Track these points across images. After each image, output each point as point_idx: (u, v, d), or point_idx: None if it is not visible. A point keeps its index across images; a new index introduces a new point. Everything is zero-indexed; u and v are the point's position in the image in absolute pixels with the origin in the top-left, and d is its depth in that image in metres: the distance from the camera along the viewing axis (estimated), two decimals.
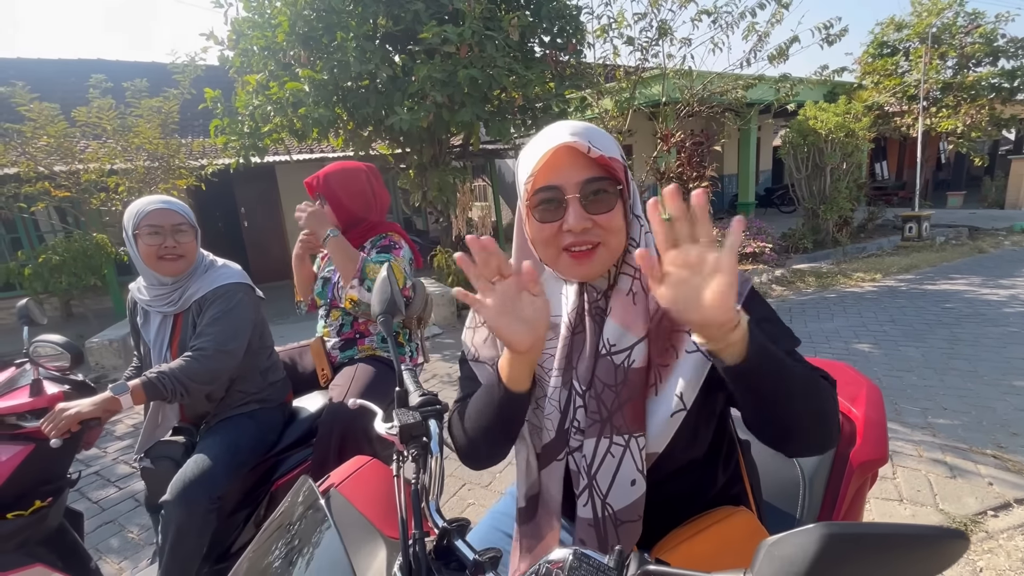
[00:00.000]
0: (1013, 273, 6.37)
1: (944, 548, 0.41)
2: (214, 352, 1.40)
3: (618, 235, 0.74)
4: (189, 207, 1.53)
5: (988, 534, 2.01)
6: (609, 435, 0.73)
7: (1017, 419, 2.84)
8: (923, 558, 0.41)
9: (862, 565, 0.40)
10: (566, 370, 0.77)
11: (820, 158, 8.27)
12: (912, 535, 0.41)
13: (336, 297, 1.77)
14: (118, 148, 5.17)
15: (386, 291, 0.93)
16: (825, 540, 0.40)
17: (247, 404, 1.55)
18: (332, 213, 1.78)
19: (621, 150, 0.77)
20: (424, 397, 0.82)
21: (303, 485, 0.76)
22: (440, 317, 5.77)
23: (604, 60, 6.84)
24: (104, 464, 3.04)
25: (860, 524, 0.41)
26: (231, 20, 5.07)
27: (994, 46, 10.49)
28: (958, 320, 4.66)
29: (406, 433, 0.75)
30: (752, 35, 6.40)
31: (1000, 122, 10.97)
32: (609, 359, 0.74)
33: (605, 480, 0.73)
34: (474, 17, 4.40)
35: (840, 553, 0.40)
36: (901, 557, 0.41)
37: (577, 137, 0.70)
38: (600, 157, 0.70)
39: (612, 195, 0.72)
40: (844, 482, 1.05)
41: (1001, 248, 8.15)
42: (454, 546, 0.65)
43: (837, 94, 9.62)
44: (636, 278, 0.75)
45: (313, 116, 4.58)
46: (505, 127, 5.21)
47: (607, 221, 0.72)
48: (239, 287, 1.52)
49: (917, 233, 8.92)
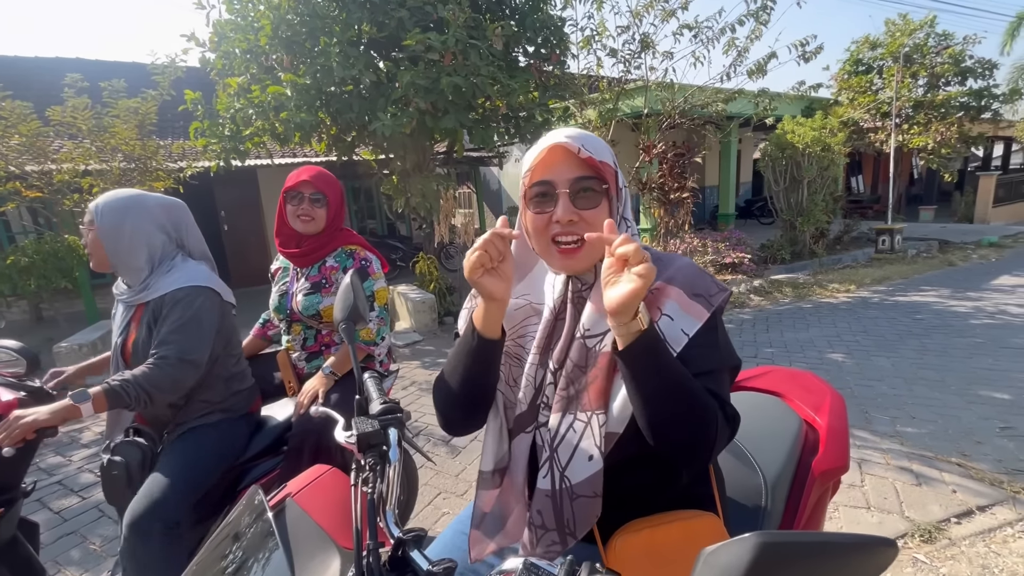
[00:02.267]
0: (980, 286, 6.58)
1: (874, 556, 0.43)
2: (177, 361, 1.33)
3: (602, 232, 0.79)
4: None
5: (951, 541, 2.06)
6: (573, 411, 0.79)
7: (981, 428, 2.93)
8: (855, 566, 0.43)
9: (796, 573, 0.42)
10: (544, 351, 0.85)
11: (798, 171, 8.46)
12: (844, 543, 0.43)
13: (295, 310, 1.72)
14: (93, 148, 5.06)
15: (349, 298, 0.93)
16: (759, 548, 0.41)
17: (210, 414, 1.49)
18: (324, 216, 1.71)
19: (615, 157, 0.84)
20: (385, 405, 0.81)
21: (254, 495, 0.75)
22: (421, 324, 5.73)
23: (587, 71, 6.93)
24: (67, 473, 2.94)
25: (794, 533, 0.43)
26: (213, 22, 5.03)
27: (962, 66, 10.90)
28: (927, 331, 4.79)
29: (364, 442, 0.75)
30: (732, 50, 6.55)
31: (968, 139, 11.37)
32: (583, 342, 0.80)
33: (566, 453, 0.78)
34: (458, 26, 4.42)
35: (774, 561, 0.41)
36: (834, 565, 0.42)
37: (571, 140, 0.79)
38: (589, 158, 0.79)
39: (598, 193, 0.80)
40: (806, 490, 1.07)
41: (969, 261, 8.42)
42: (409, 557, 0.65)
43: (814, 109, 9.87)
44: None
45: (296, 120, 4.54)
46: (489, 135, 5.24)
47: (592, 216, 0.79)
48: (200, 291, 1.42)
49: (890, 246, 9.16)
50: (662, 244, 7.28)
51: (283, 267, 1.83)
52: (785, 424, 1.21)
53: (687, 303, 0.77)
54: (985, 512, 2.21)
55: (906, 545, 2.05)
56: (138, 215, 1.40)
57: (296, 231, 1.71)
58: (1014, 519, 2.16)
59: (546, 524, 0.79)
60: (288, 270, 1.80)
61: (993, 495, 2.32)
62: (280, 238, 1.75)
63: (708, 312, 0.77)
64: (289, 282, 1.77)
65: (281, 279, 1.81)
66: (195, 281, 1.43)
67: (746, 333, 5.09)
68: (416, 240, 9.97)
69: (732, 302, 6.30)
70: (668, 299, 0.78)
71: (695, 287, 0.79)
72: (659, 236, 7.36)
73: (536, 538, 0.80)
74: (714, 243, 7.84)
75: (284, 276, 1.80)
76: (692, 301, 0.78)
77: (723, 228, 10.52)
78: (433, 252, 6.71)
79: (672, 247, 7.28)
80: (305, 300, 1.69)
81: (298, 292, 1.71)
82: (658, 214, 7.36)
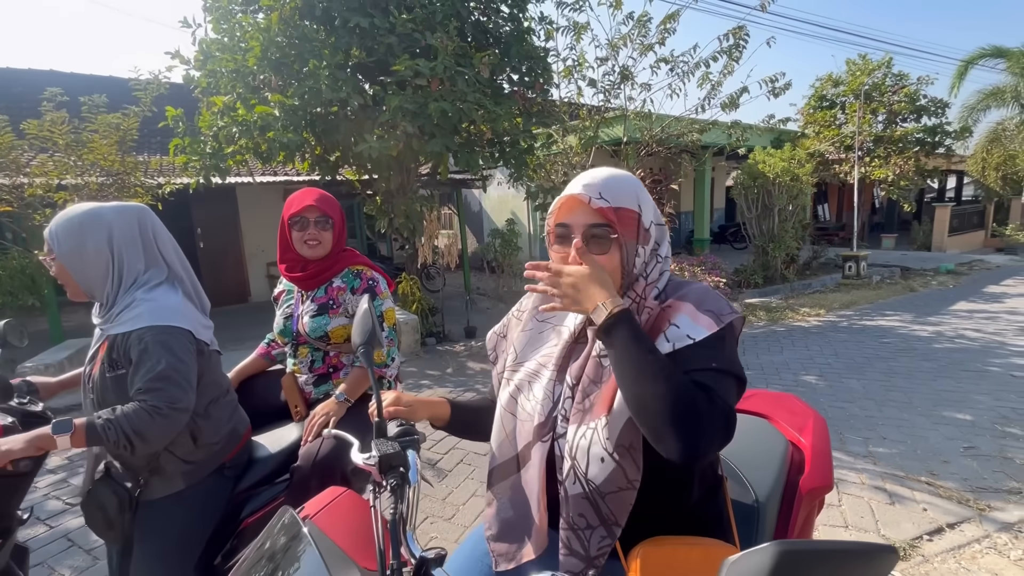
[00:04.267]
0: (940, 311, 6.91)
1: (878, 561, 0.47)
2: (169, 411, 1.19)
3: (612, 273, 0.88)
4: None
5: (924, 558, 2.14)
6: (587, 423, 0.85)
7: (947, 448, 3.06)
8: (861, 570, 0.47)
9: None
10: (562, 369, 0.92)
11: (769, 199, 8.81)
12: (852, 550, 0.48)
13: (301, 333, 1.70)
14: (70, 163, 4.95)
15: (367, 323, 0.95)
16: (779, 556, 0.45)
17: (173, 480, 1.32)
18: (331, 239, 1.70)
19: (640, 197, 0.89)
20: (402, 427, 0.84)
21: (284, 515, 0.76)
22: (404, 345, 5.70)
23: (569, 99, 7.15)
24: (34, 500, 2.81)
25: (808, 541, 0.48)
26: (199, 40, 5.04)
27: (917, 105, 11.60)
28: (894, 354, 5.00)
29: (385, 463, 0.77)
30: (706, 84, 6.85)
31: (924, 172, 12.04)
32: (598, 360, 0.87)
33: (583, 460, 0.83)
34: (447, 53, 4.54)
35: (792, 567, 0.45)
36: (843, 569, 0.47)
37: (586, 189, 0.87)
38: (600, 209, 0.86)
39: (607, 240, 0.87)
40: (795, 508, 1.12)
41: (929, 288, 8.84)
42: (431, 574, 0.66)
43: (783, 141, 10.33)
44: (636, 302, 0.89)
45: (282, 140, 4.55)
46: (474, 159, 5.33)
47: (602, 261, 0.86)
48: (171, 331, 1.24)
49: (856, 272, 9.56)
50: None
51: (287, 290, 1.81)
52: (772, 444, 1.26)
53: (696, 315, 0.83)
54: (954, 529, 2.31)
55: None
56: (97, 231, 1.24)
57: (302, 256, 1.69)
58: (981, 535, 2.26)
59: (590, 523, 0.83)
60: (292, 293, 1.78)
61: (961, 512, 2.42)
62: (285, 264, 1.73)
63: (717, 326, 0.81)
64: (294, 305, 1.75)
65: (286, 302, 1.79)
66: (162, 319, 1.25)
67: None
68: (397, 261, 9.93)
69: None
70: (679, 312, 0.85)
71: (706, 304, 0.84)
72: None
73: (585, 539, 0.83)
74: (690, 267, 8.04)
75: (288, 299, 1.79)
76: (701, 314, 0.83)
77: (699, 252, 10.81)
78: (416, 272, 6.70)
79: None
80: (312, 322, 1.67)
81: (304, 314, 1.70)
82: None
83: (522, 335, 1.02)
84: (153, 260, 1.32)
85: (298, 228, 1.67)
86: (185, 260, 1.41)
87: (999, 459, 2.91)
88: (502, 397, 0.99)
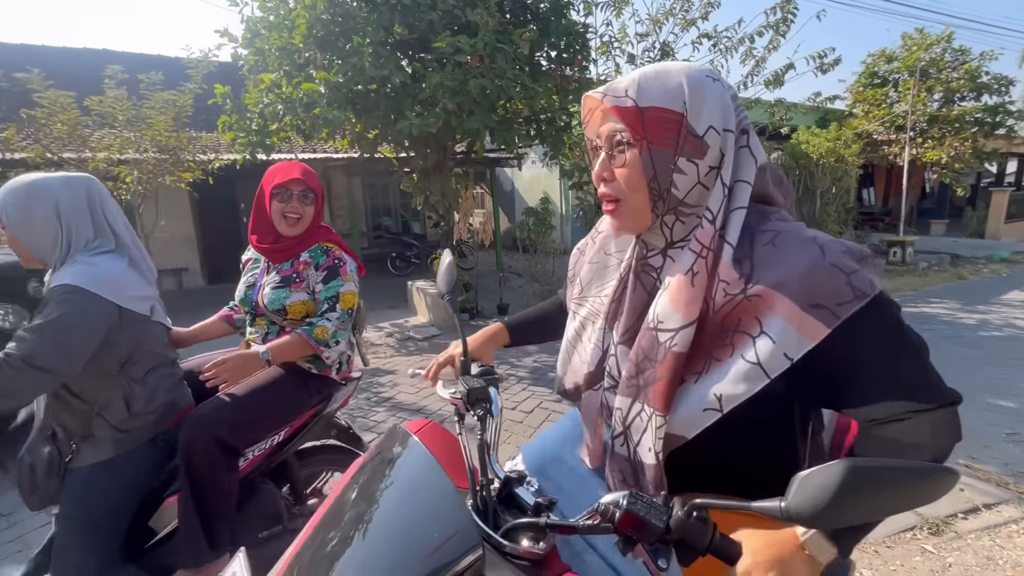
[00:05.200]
0: (990, 299, 6.63)
1: (939, 481, 0.50)
2: (20, 363, 1.13)
3: (634, 194, 0.73)
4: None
5: (958, 534, 2.15)
6: (643, 401, 0.75)
7: (990, 433, 3.01)
8: (922, 488, 0.51)
9: (875, 492, 0.50)
10: (611, 318, 0.83)
11: (811, 181, 8.54)
12: (915, 468, 0.51)
13: (260, 304, 1.63)
14: (131, 138, 5.24)
15: (451, 275, 1.07)
16: (847, 472, 0.49)
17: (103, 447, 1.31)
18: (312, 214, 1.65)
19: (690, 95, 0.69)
20: (483, 367, 0.95)
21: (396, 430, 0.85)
22: (439, 319, 5.87)
23: (607, 77, 7.06)
24: None
25: (873, 459, 0.51)
26: (246, 19, 5.20)
27: (978, 82, 10.93)
28: (937, 341, 4.86)
29: (472, 396, 0.86)
30: (750, 60, 6.65)
31: (982, 155, 11.39)
32: (655, 334, 0.72)
33: (635, 436, 0.77)
34: (487, 30, 4.56)
35: (858, 482, 0.49)
36: (906, 486, 0.50)
37: (608, 88, 0.72)
38: (614, 107, 0.70)
39: (628, 146, 0.70)
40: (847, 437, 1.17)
41: (980, 275, 8.46)
42: (515, 494, 0.75)
43: (829, 120, 9.95)
44: (703, 257, 0.69)
45: (326, 117, 4.69)
46: (511, 136, 5.37)
47: (623, 175, 0.72)
48: (80, 293, 1.19)
49: (901, 258, 9.22)
50: None
51: (254, 258, 1.75)
52: None
53: (800, 317, 0.63)
54: (991, 510, 2.31)
55: (915, 537, 2.15)
56: (44, 200, 1.26)
57: (275, 229, 1.64)
58: (1019, 516, 2.25)
59: (627, 480, 0.80)
60: (259, 262, 1.72)
61: (999, 495, 2.41)
62: (257, 234, 1.67)
63: (829, 328, 0.62)
64: (259, 274, 1.69)
65: (251, 270, 1.73)
66: (80, 281, 1.21)
67: None
68: (431, 238, 10.10)
69: None
70: (772, 312, 0.65)
71: (815, 295, 0.63)
72: None
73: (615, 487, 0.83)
74: None
75: (254, 267, 1.72)
76: (807, 315, 0.63)
77: None
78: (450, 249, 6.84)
79: None
80: (272, 294, 1.60)
81: (266, 285, 1.63)
82: None
83: (588, 267, 0.93)
84: (101, 230, 1.33)
85: (280, 199, 1.61)
86: (132, 229, 1.44)
87: None
88: (568, 330, 0.93)
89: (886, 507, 0.52)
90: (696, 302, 0.69)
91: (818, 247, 0.66)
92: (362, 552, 0.69)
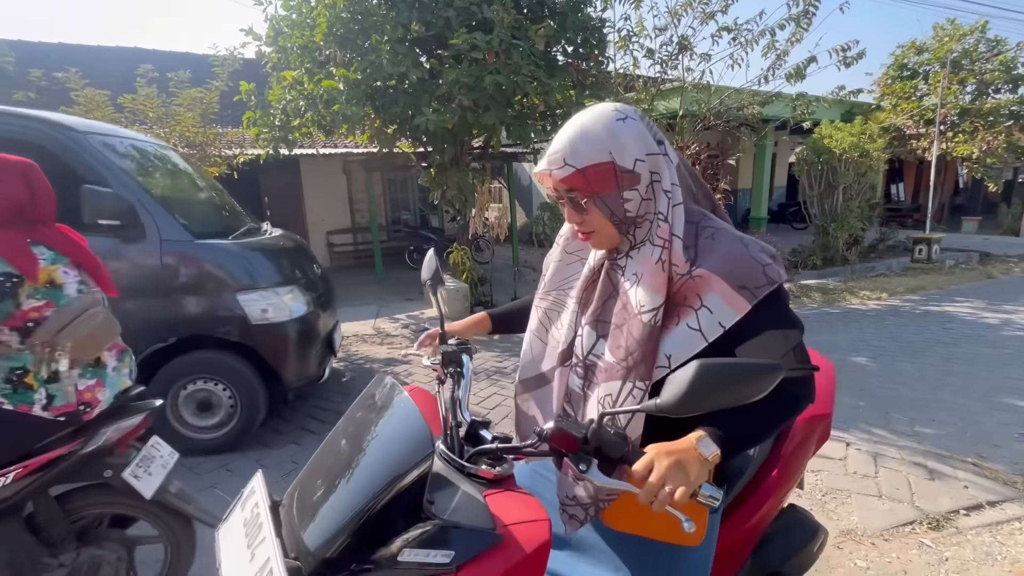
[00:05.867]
0: (1017, 299, 6.45)
1: (767, 375, 0.67)
2: None
3: (602, 229, 0.90)
4: None
5: (958, 530, 2.17)
6: (632, 380, 0.86)
7: (1001, 432, 2.98)
8: (754, 380, 0.67)
9: (720, 384, 0.66)
10: (582, 301, 0.98)
11: (833, 176, 8.38)
12: (749, 364, 0.69)
13: None
14: (161, 134, 5.46)
15: (433, 264, 1.26)
16: (699, 368, 0.66)
17: None
18: None
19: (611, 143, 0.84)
20: (460, 340, 1.15)
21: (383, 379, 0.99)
22: (454, 311, 5.97)
23: (624, 71, 7.04)
24: None
25: (720, 359, 0.67)
26: (270, 17, 5.35)
27: (1013, 74, 10.55)
28: (957, 340, 4.78)
29: (447, 359, 1.09)
30: (771, 53, 6.55)
31: (1017, 149, 11.00)
32: (641, 318, 0.85)
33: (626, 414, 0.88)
34: (503, 26, 4.62)
35: (707, 376, 0.66)
36: (741, 378, 0.67)
37: (549, 163, 0.87)
38: (562, 179, 0.86)
39: (583, 202, 0.88)
40: (791, 431, 1.30)
41: (1010, 275, 8.20)
42: (479, 434, 0.93)
43: (854, 114, 9.72)
44: (664, 248, 0.85)
45: (345, 113, 4.82)
46: (526, 132, 5.43)
47: (588, 218, 0.89)
48: None
49: (927, 255, 8.98)
50: None
51: None
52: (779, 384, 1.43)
53: (730, 295, 0.81)
54: (995, 507, 2.31)
55: (913, 531, 2.17)
56: None
57: None
58: (1023, 515, 2.25)
59: None
60: None
61: (1005, 492, 2.40)
62: None
63: (750, 304, 0.80)
64: None
65: None
66: None
67: None
68: (448, 232, 10.23)
69: None
70: (710, 290, 0.83)
71: (740, 278, 0.82)
72: None
73: None
74: None
75: None
76: (736, 294, 0.81)
77: (754, 231, 10.47)
78: (467, 243, 6.93)
79: None
80: None
81: None
82: None
83: (554, 266, 1.07)
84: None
85: None
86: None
87: None
88: (532, 322, 1.07)
89: (730, 397, 0.67)
90: (664, 283, 0.85)
91: (744, 244, 0.85)
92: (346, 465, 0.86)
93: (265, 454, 2.96)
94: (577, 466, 0.74)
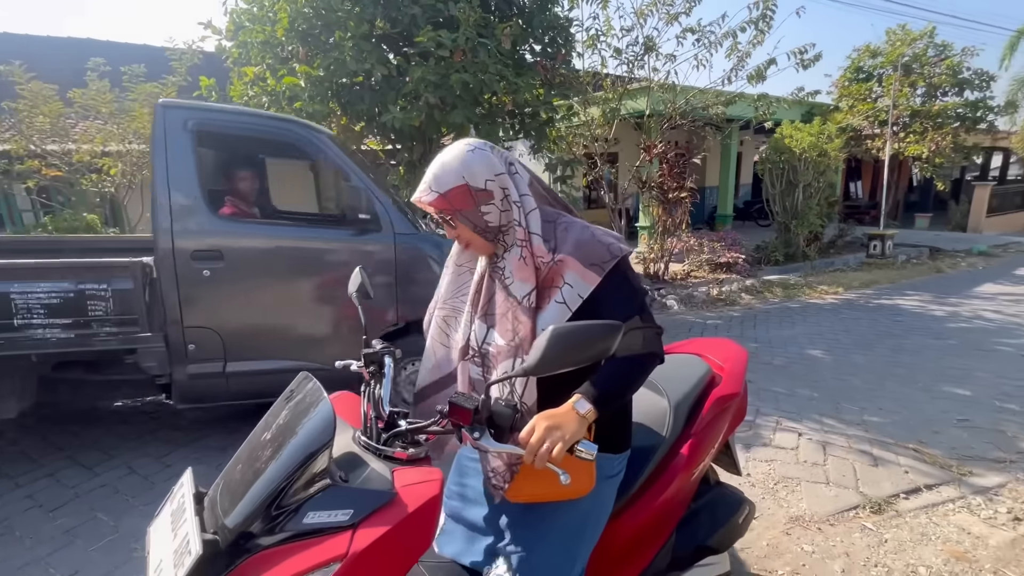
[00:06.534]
0: (963, 292, 6.82)
1: (611, 333, 0.83)
2: None
3: (473, 239, 1.07)
4: None
5: (897, 512, 2.30)
6: (521, 356, 1.02)
7: (941, 419, 3.17)
8: (600, 339, 0.83)
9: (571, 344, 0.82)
10: (474, 302, 1.14)
11: (794, 175, 8.66)
12: (594, 325, 0.83)
13: None
14: (114, 130, 5.25)
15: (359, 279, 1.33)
16: (552, 333, 0.81)
17: None
18: None
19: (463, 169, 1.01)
20: (384, 345, 1.20)
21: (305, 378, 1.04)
22: None
23: (592, 69, 7.12)
24: None
25: (570, 323, 0.82)
26: (230, 11, 5.21)
27: (959, 78, 11.09)
28: (905, 332, 5.03)
29: (368, 360, 1.16)
30: (733, 55, 6.73)
31: (963, 149, 11.58)
32: (518, 305, 1.04)
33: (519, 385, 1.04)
34: (468, 24, 4.61)
35: (560, 339, 0.81)
36: (588, 338, 0.83)
37: (420, 192, 1.04)
38: (432, 203, 1.02)
39: (451, 220, 1.05)
40: (703, 410, 1.40)
41: (958, 269, 8.65)
42: (396, 423, 1.01)
43: (814, 115, 10.06)
44: (523, 247, 1.04)
45: (308, 110, 4.74)
46: (494, 130, 5.43)
47: (460, 233, 1.07)
48: None
49: (881, 251, 9.39)
50: (660, 242, 7.49)
51: None
52: (695, 370, 1.54)
53: (583, 272, 1.01)
54: (932, 490, 2.45)
55: (857, 515, 2.28)
56: None
57: None
58: (956, 496, 2.40)
59: None
60: None
61: (941, 476, 2.56)
62: None
63: (599, 277, 1.01)
64: None
65: None
66: None
67: (733, 329, 5.32)
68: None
69: (723, 300, 6.53)
70: (568, 270, 1.02)
71: (590, 258, 1.02)
72: (657, 234, 7.57)
73: None
74: (710, 243, 8.06)
75: None
76: (588, 270, 1.01)
77: (720, 229, 10.74)
78: None
79: (669, 245, 7.49)
80: None
81: None
82: (656, 213, 7.55)
83: (448, 279, 1.24)
84: None
85: None
86: None
87: (992, 432, 3.00)
88: (432, 331, 1.22)
89: (583, 355, 0.83)
90: (531, 273, 1.04)
91: (591, 231, 1.06)
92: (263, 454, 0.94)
93: None
94: (472, 435, 0.86)
